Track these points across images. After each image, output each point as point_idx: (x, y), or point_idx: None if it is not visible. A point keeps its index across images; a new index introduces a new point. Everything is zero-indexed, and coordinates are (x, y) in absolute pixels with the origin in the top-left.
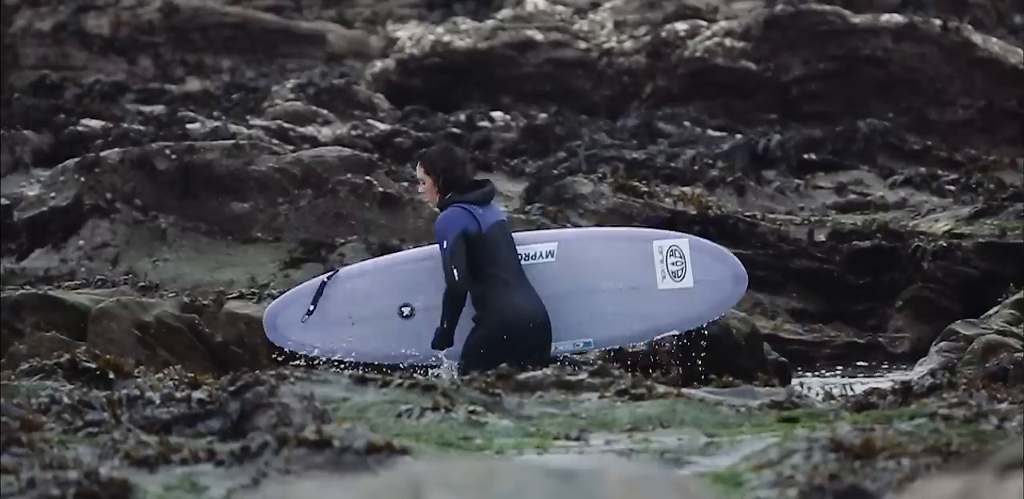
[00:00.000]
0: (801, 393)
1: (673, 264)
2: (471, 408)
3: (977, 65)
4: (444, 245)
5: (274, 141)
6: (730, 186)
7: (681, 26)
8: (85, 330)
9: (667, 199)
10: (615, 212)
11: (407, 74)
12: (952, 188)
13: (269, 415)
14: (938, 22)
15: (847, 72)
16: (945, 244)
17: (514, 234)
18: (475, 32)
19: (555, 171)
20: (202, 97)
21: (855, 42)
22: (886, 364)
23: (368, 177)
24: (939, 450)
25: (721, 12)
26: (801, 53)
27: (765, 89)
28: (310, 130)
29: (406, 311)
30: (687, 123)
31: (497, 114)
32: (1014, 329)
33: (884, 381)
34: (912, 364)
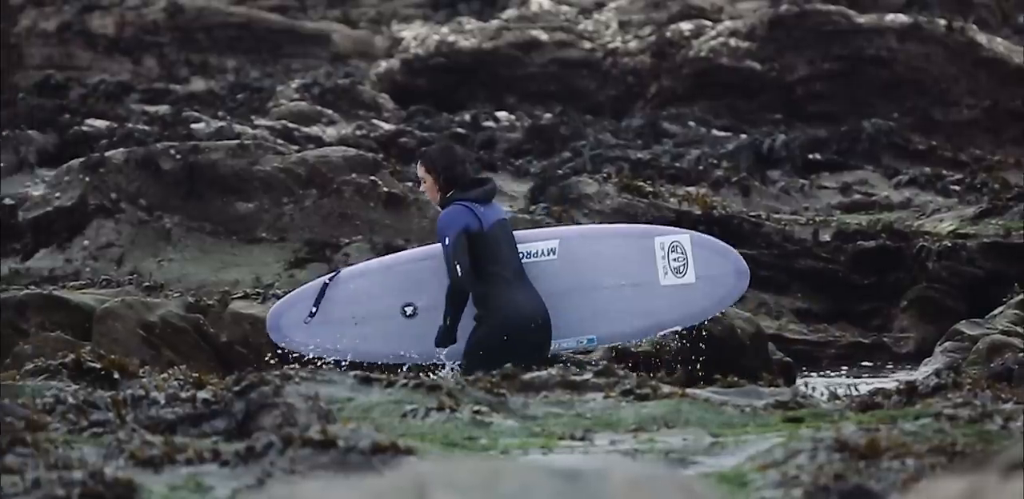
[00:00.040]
0: (806, 393)
1: (675, 260)
2: (476, 408)
3: (982, 65)
4: (446, 242)
5: (279, 141)
6: (735, 186)
7: (686, 26)
8: (90, 330)
9: (672, 199)
10: (620, 212)
11: (412, 74)
12: (957, 188)
13: (274, 415)
14: (943, 22)
15: (852, 72)
16: (950, 244)
17: (516, 232)
18: (480, 32)
19: (560, 171)
20: (207, 97)
21: (860, 42)
22: (891, 364)
23: (373, 177)
24: (944, 450)
25: (726, 12)
26: (806, 53)
27: (770, 89)
28: (315, 130)
29: (409, 311)
30: (692, 123)
31: (502, 114)
32: (1019, 329)
33: (889, 381)
34: (917, 364)
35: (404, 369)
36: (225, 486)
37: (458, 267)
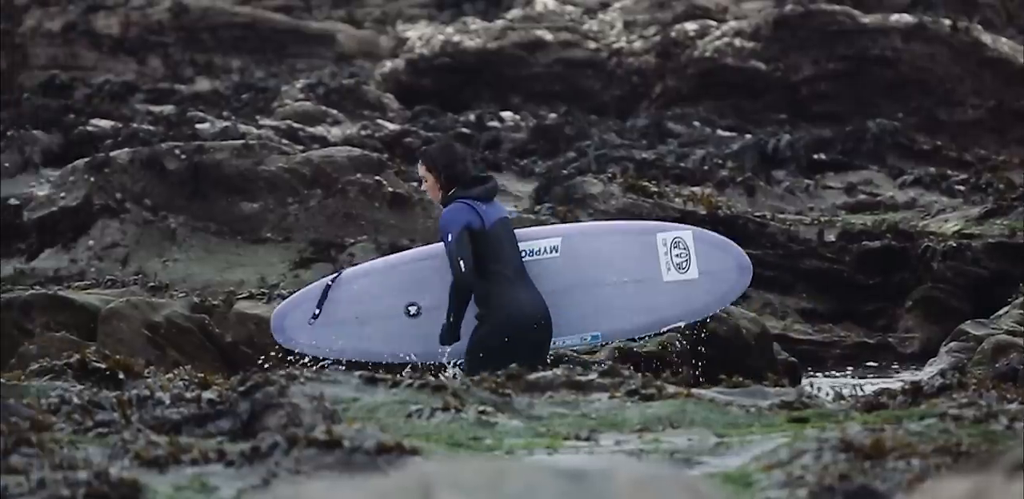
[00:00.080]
0: (811, 393)
1: (677, 256)
2: (481, 408)
3: (987, 65)
4: (449, 238)
5: (284, 141)
6: (740, 186)
7: (691, 26)
8: (95, 330)
9: (677, 199)
10: (625, 212)
11: (417, 74)
12: (962, 188)
13: (279, 415)
14: (948, 22)
15: (857, 72)
16: (955, 244)
17: (518, 230)
18: (485, 32)
19: (565, 171)
20: (212, 97)
21: (865, 42)
22: (896, 364)
23: (378, 177)
24: (949, 450)
25: (731, 12)
26: (811, 53)
27: (775, 89)
28: (320, 130)
29: (413, 310)
30: (697, 123)
31: (507, 114)
32: None
33: (894, 381)
34: (922, 364)
35: (408, 369)
36: (230, 486)
37: (461, 263)
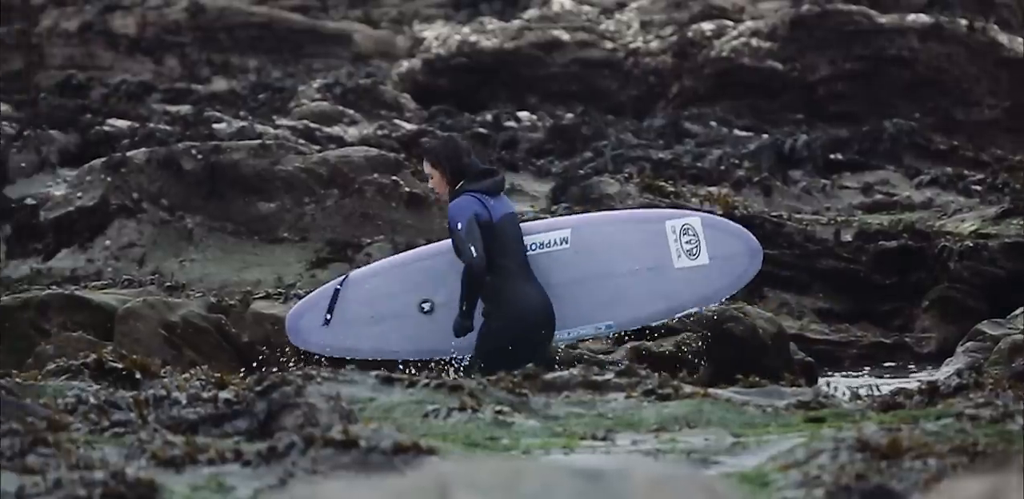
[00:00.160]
0: (827, 393)
1: (687, 242)
2: (498, 408)
3: (1003, 65)
4: (459, 226)
5: (300, 141)
6: (756, 186)
7: (707, 26)
8: (112, 330)
9: (693, 199)
10: None
11: (433, 74)
12: (978, 188)
13: (296, 415)
14: (964, 22)
15: (873, 72)
16: (971, 244)
17: (527, 223)
18: (501, 32)
19: (581, 171)
20: (228, 97)
21: (881, 42)
22: (912, 364)
23: (394, 177)
24: (966, 450)
25: (747, 12)
26: (827, 53)
27: (791, 89)
28: (336, 130)
29: (426, 307)
30: (713, 123)
31: (524, 114)
32: None
33: (911, 381)
34: (938, 364)
35: (427, 368)
36: (247, 486)
37: (472, 249)
